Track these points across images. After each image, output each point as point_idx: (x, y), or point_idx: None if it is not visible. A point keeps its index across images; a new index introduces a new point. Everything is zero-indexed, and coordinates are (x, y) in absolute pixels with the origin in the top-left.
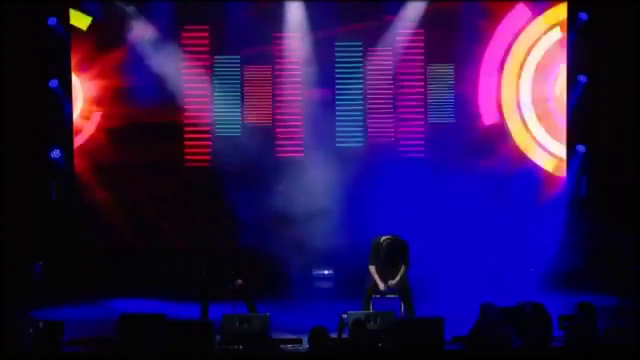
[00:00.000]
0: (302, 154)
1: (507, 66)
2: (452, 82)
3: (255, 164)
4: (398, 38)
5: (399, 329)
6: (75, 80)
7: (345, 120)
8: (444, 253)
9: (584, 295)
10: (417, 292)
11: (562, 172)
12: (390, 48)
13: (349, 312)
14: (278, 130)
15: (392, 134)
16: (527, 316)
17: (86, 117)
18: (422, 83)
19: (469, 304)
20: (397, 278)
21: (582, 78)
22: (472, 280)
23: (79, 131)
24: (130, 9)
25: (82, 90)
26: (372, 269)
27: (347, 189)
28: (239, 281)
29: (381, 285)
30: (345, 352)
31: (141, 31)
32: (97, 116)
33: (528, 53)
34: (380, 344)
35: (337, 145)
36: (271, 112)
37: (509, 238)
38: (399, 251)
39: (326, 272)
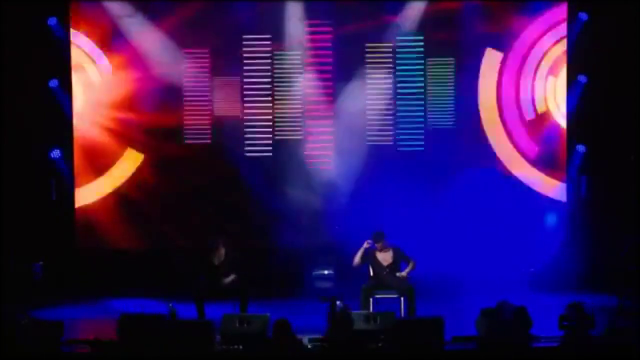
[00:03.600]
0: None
1: (507, 67)
2: (453, 83)
3: (257, 164)
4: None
5: (399, 329)
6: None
7: (347, 118)
8: (444, 253)
9: (584, 295)
10: (417, 292)
11: (562, 172)
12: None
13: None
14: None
15: (392, 135)
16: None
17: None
18: (422, 84)
19: (469, 304)
20: (405, 273)
21: (582, 78)
22: (472, 280)
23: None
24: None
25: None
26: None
27: (348, 189)
28: (232, 277)
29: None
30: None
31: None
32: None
33: (528, 53)
34: (379, 344)
35: (338, 143)
36: (272, 107)
37: (509, 238)
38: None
39: (326, 272)
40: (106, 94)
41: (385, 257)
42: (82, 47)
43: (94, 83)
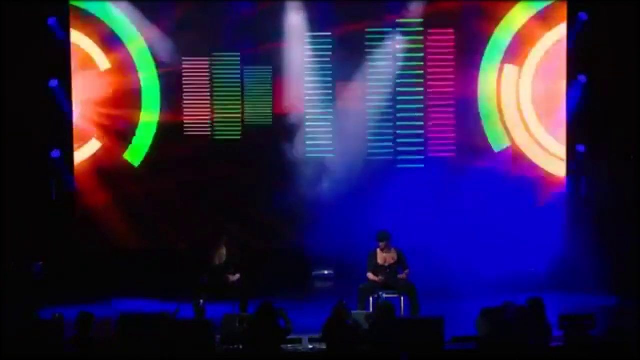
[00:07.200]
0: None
1: (507, 66)
2: (452, 83)
3: (256, 165)
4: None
5: (399, 329)
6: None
7: (348, 117)
8: (444, 253)
9: (584, 295)
10: (418, 292)
11: (562, 172)
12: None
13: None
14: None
15: (392, 134)
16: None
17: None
18: (422, 86)
19: (469, 304)
20: (405, 275)
21: (582, 78)
22: (472, 280)
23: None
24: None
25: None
26: (370, 275)
27: (348, 189)
28: (237, 276)
29: (378, 278)
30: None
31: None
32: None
33: (528, 53)
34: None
35: (337, 145)
36: (272, 112)
37: (509, 238)
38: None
39: (326, 272)
40: (106, 93)
41: (387, 258)
42: (82, 46)
43: (94, 82)
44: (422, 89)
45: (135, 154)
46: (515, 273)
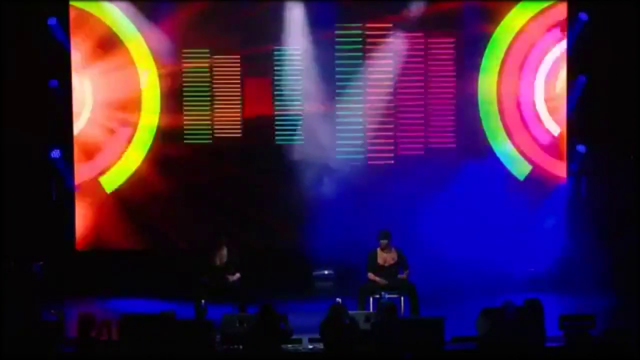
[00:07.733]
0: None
1: (507, 66)
2: (452, 83)
3: (254, 166)
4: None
5: (399, 329)
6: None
7: (347, 118)
8: (444, 253)
9: (584, 295)
10: (417, 292)
11: (562, 172)
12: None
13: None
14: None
15: (393, 135)
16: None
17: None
18: (422, 86)
19: (469, 304)
20: (405, 276)
21: (582, 78)
22: (472, 280)
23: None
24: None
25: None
26: (370, 275)
27: (348, 189)
28: (237, 275)
29: (382, 281)
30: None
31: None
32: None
33: (528, 53)
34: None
35: (338, 142)
36: (272, 112)
37: (509, 238)
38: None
39: (326, 272)
40: (106, 94)
41: (387, 258)
42: (82, 46)
43: (94, 82)
44: (422, 89)
45: (112, 180)
46: (515, 273)
